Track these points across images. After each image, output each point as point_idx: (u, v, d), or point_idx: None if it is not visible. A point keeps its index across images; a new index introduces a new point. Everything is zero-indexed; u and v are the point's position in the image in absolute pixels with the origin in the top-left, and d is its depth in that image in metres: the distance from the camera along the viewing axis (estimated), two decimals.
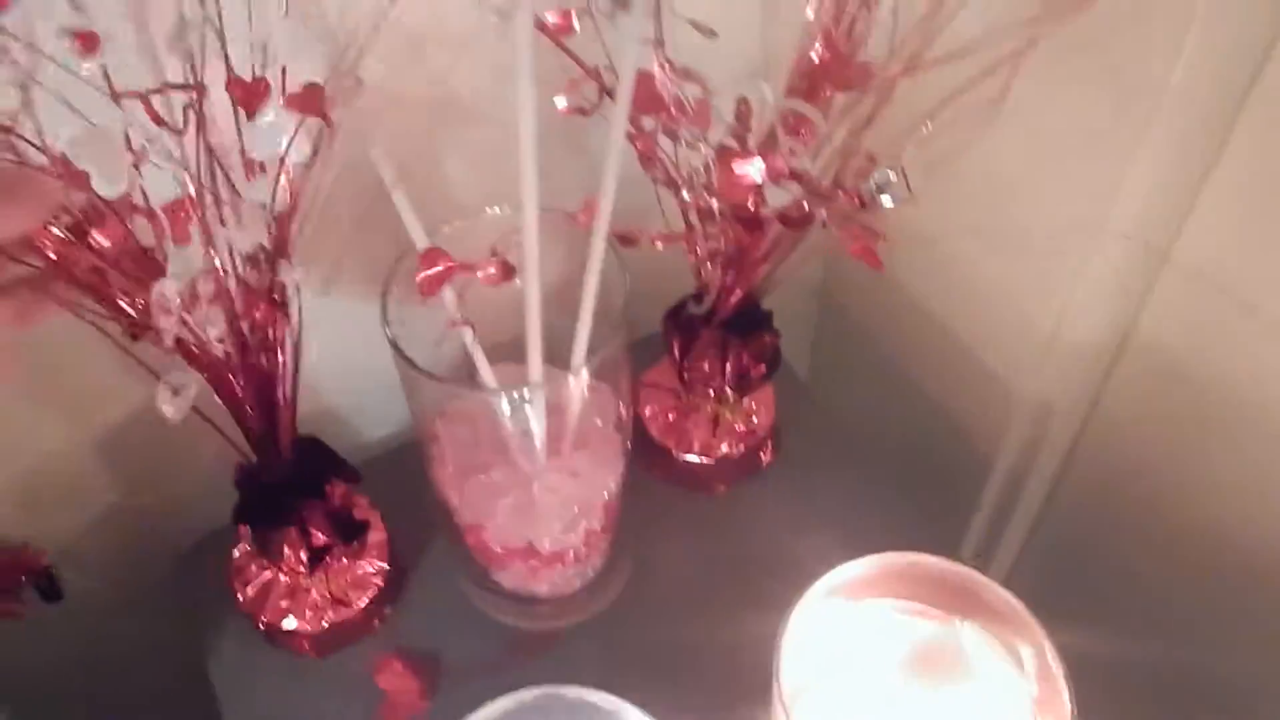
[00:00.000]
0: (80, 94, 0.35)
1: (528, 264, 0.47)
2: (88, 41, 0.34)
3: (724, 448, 0.65)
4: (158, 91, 0.37)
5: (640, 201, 0.52)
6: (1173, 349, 0.58)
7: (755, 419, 0.66)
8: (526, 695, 0.50)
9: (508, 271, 0.48)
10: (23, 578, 0.62)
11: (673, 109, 0.47)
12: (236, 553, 0.60)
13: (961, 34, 0.43)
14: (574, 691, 0.50)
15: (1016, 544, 0.75)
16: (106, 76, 0.35)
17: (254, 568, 0.59)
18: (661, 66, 0.45)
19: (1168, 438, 0.61)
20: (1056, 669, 0.45)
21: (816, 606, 0.50)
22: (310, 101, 0.39)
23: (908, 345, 0.79)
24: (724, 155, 0.48)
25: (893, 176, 0.43)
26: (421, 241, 0.50)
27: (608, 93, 0.50)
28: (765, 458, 0.67)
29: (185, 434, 0.65)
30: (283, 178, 0.41)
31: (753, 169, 0.44)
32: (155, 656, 0.71)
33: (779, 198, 0.48)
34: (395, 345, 0.48)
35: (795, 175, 0.46)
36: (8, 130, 0.34)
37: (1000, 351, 0.69)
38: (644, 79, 0.47)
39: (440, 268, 0.46)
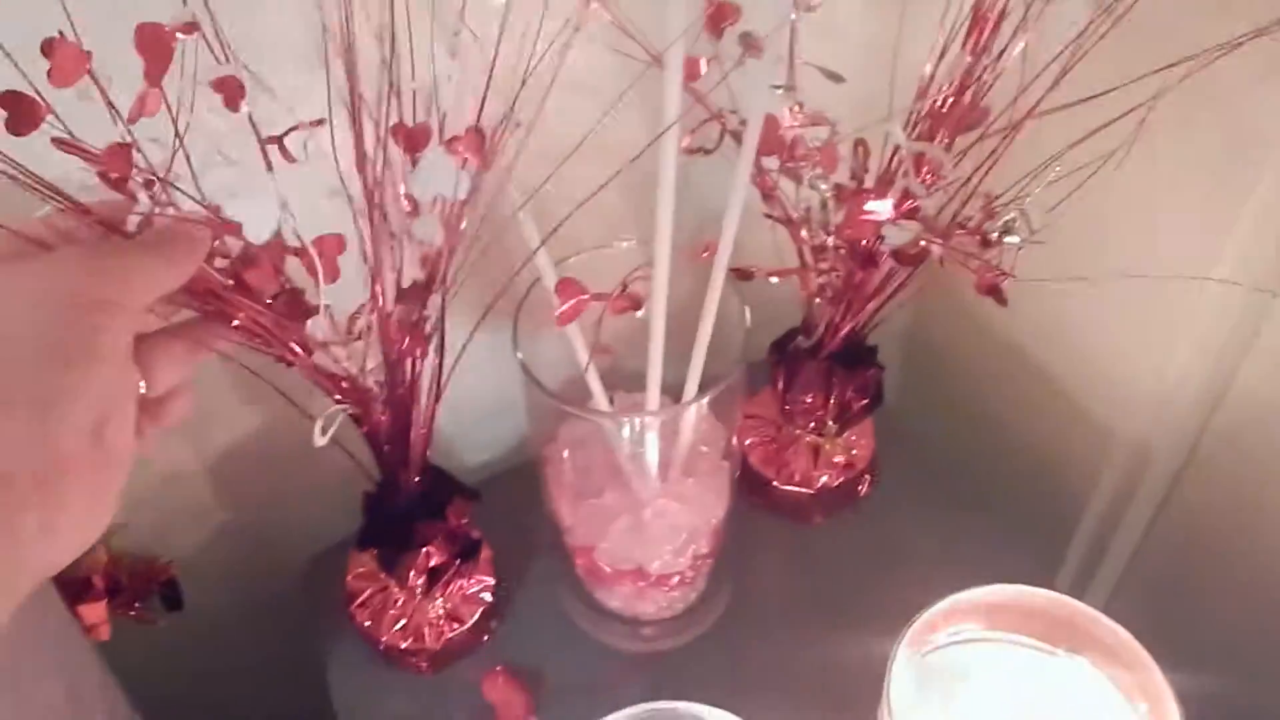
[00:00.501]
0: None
1: (656, 296, 0.49)
2: (231, 91, 0.37)
3: (823, 479, 0.67)
4: (319, 123, 0.39)
5: (753, 237, 0.54)
6: (1275, 396, 0.58)
7: (854, 451, 0.67)
8: (641, 710, 0.51)
9: (635, 303, 0.51)
10: (152, 587, 0.65)
11: (797, 151, 0.49)
12: (351, 578, 0.62)
13: (1089, 82, 0.45)
14: (687, 707, 0.52)
15: (1111, 581, 0.75)
16: (253, 123, 0.38)
17: (371, 590, 0.61)
18: (791, 110, 0.47)
19: (1267, 482, 0.61)
20: (1170, 705, 0.46)
21: (924, 636, 0.51)
22: (473, 145, 0.41)
23: (999, 383, 0.79)
24: (849, 194, 0.50)
25: (1018, 218, 0.44)
26: (549, 272, 0.52)
27: (730, 134, 0.52)
28: (863, 489, 0.69)
29: (304, 456, 0.68)
30: (438, 216, 0.43)
31: (882, 208, 0.46)
32: (273, 667, 0.74)
33: (896, 236, 0.50)
34: (527, 370, 0.51)
35: (915, 214, 0.48)
36: (163, 181, 0.36)
37: (1097, 392, 0.70)
38: (769, 122, 0.49)
39: (576, 299, 0.48)
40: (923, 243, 0.50)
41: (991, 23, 0.44)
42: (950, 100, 0.47)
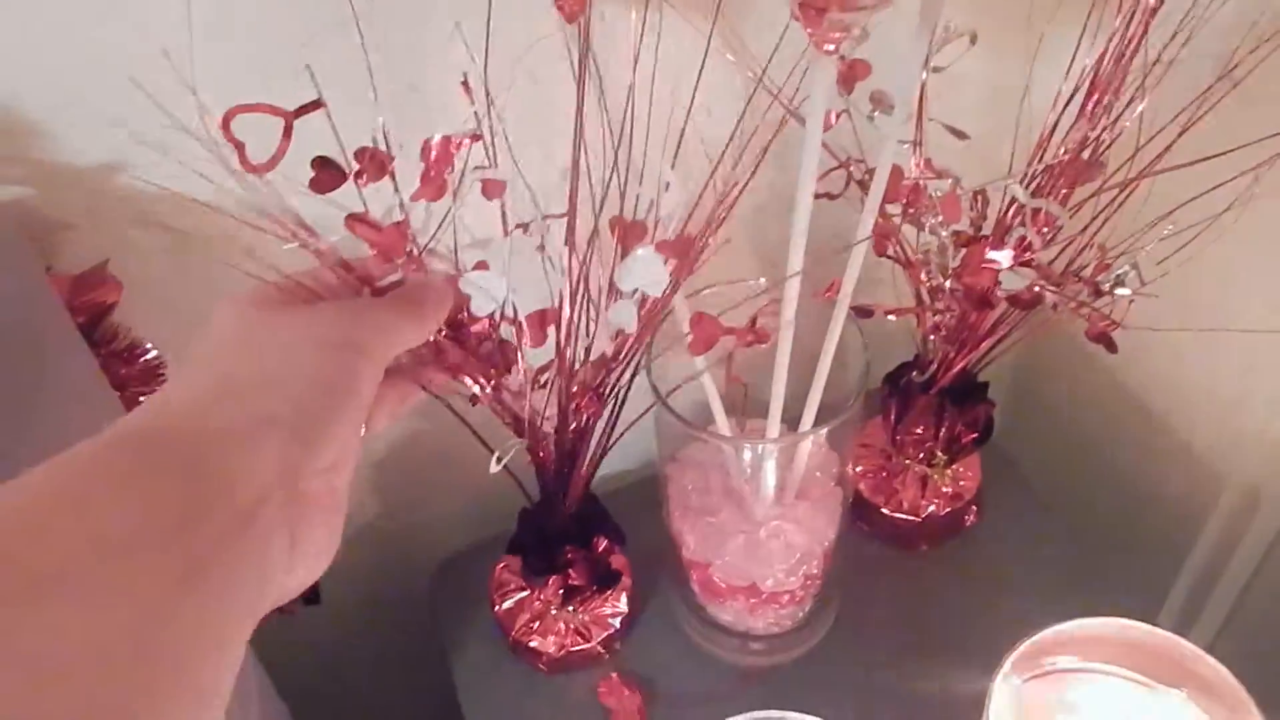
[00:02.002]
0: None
1: (783, 331, 0.53)
2: (495, 188, 0.43)
3: (930, 508, 0.69)
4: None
5: (870, 276, 0.58)
6: None
7: (961, 482, 0.70)
8: (751, 718, 0.55)
9: (762, 337, 0.54)
10: None
11: (920, 199, 0.53)
12: (499, 568, 0.67)
13: (1204, 141, 0.47)
14: (796, 718, 0.55)
15: (1215, 622, 0.76)
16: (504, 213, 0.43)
17: (513, 585, 0.66)
18: (918, 165, 0.50)
19: None
20: None
21: (1026, 664, 0.54)
22: (681, 249, 0.45)
23: (1106, 420, 0.81)
24: (967, 241, 0.53)
25: (1130, 270, 0.47)
26: (681, 304, 0.56)
27: (857, 183, 0.56)
28: (969, 520, 0.71)
29: (452, 466, 0.74)
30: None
31: (1002, 257, 0.49)
32: (401, 658, 0.80)
33: (1011, 281, 0.53)
34: (662, 400, 0.55)
35: (1031, 263, 0.51)
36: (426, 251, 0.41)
37: (1207, 435, 0.71)
38: (894, 172, 0.53)
39: (709, 332, 0.52)
40: (1036, 289, 0.53)
41: (1112, 87, 0.47)
42: (1068, 155, 0.50)
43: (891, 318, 0.59)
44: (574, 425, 0.52)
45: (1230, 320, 0.65)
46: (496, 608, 0.66)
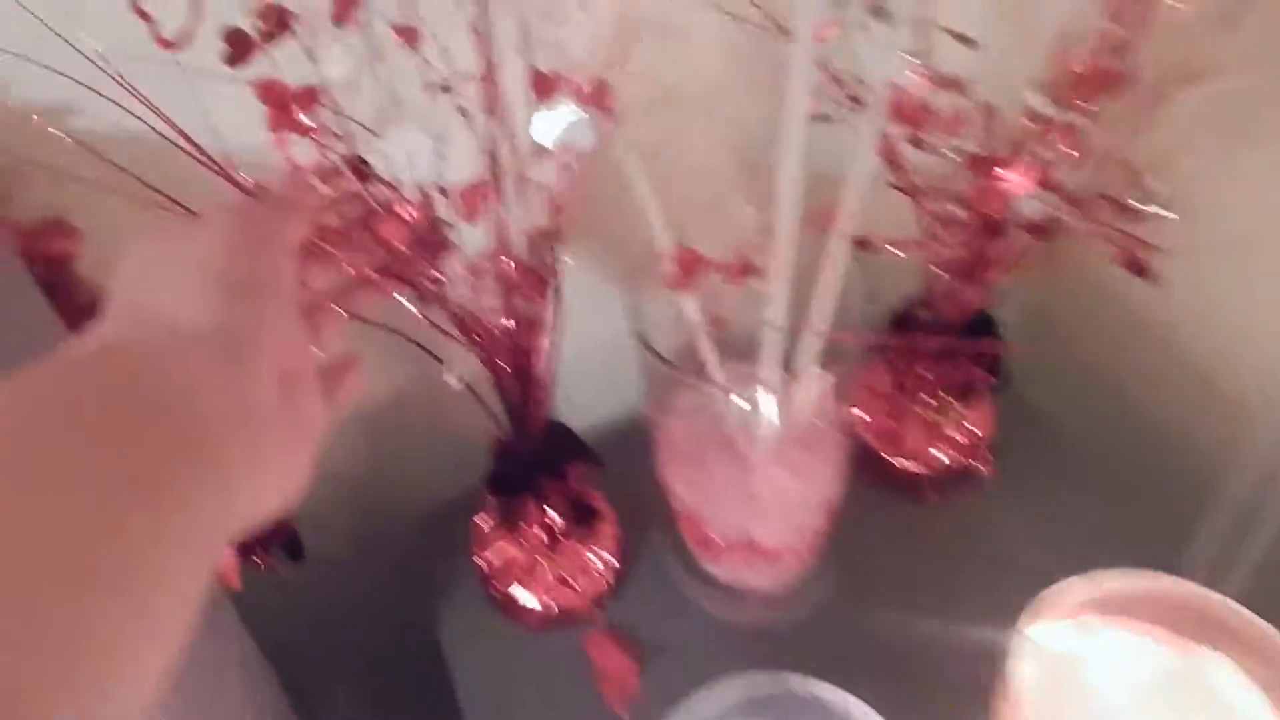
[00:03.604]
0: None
1: (776, 266, 0.48)
2: (409, 36, 0.40)
3: (939, 456, 0.65)
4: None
5: (869, 205, 0.53)
6: None
7: (973, 428, 0.65)
8: (750, 679, 0.51)
9: (750, 271, 0.50)
10: (274, 538, 0.68)
11: (923, 117, 0.48)
12: (478, 521, 0.64)
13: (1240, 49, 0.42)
14: (798, 680, 0.51)
15: (1248, 571, 0.71)
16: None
17: (496, 540, 0.62)
18: (923, 76, 0.45)
19: None
20: None
21: (1045, 620, 0.50)
22: (600, 97, 0.41)
23: (1129, 359, 0.76)
24: (980, 163, 0.48)
25: (1163, 188, 0.42)
26: (662, 235, 0.52)
27: (854, 100, 0.50)
28: (982, 470, 0.67)
29: (426, 414, 0.70)
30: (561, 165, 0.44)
31: (1017, 178, 0.44)
32: (390, 612, 0.77)
33: (1028, 207, 0.48)
34: (644, 341, 0.51)
35: (1052, 185, 0.46)
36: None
37: (1238, 372, 0.66)
38: (898, 89, 0.48)
39: (694, 267, 0.48)
40: (1055, 215, 0.48)
41: None
42: (1090, 64, 0.44)
43: (897, 252, 0.54)
44: (520, 313, 0.48)
45: (1269, 245, 0.60)
46: (479, 562, 0.63)
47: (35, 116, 0.48)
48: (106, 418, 0.27)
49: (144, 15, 0.34)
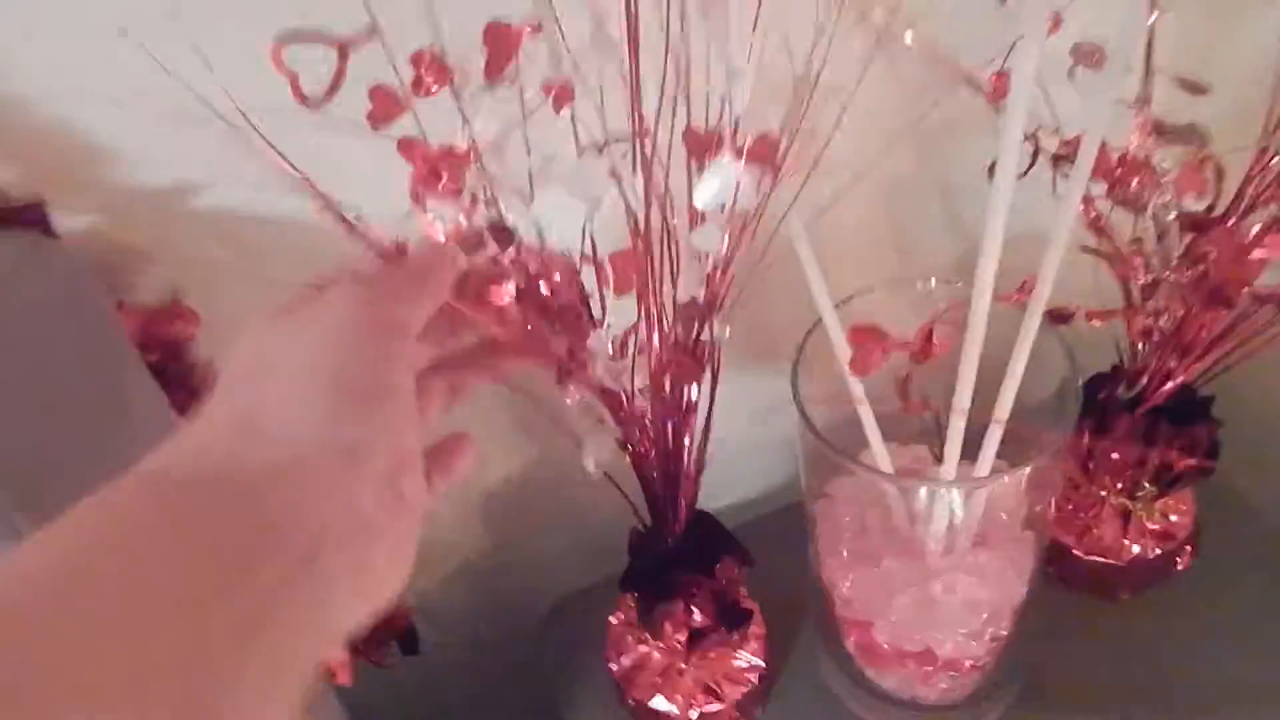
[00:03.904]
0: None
1: (970, 341, 0.42)
2: (563, 95, 0.36)
3: (1134, 549, 0.57)
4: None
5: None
6: None
7: (1173, 518, 0.58)
8: None
9: (934, 350, 0.44)
10: (390, 634, 0.64)
11: (1138, 175, 0.42)
12: (613, 620, 0.58)
13: None
14: None
15: None
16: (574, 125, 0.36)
17: (629, 639, 0.57)
18: (1143, 129, 0.39)
19: None
20: None
21: None
22: (764, 153, 0.36)
23: None
24: (1200, 222, 0.41)
25: None
26: (828, 311, 0.47)
27: (1063, 158, 0.45)
28: (1181, 563, 0.59)
29: (558, 501, 0.66)
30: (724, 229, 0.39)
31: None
32: (509, 713, 0.72)
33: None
34: (807, 419, 0.45)
35: None
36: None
37: None
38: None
39: (874, 347, 0.42)
40: None
41: None
42: None
43: (1096, 323, 0.48)
44: (673, 399, 0.43)
45: None
46: (613, 665, 0.57)
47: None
48: (230, 554, 0.25)
49: (289, 74, 0.32)
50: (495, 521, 0.66)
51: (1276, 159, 0.39)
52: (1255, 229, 0.39)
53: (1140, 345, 0.50)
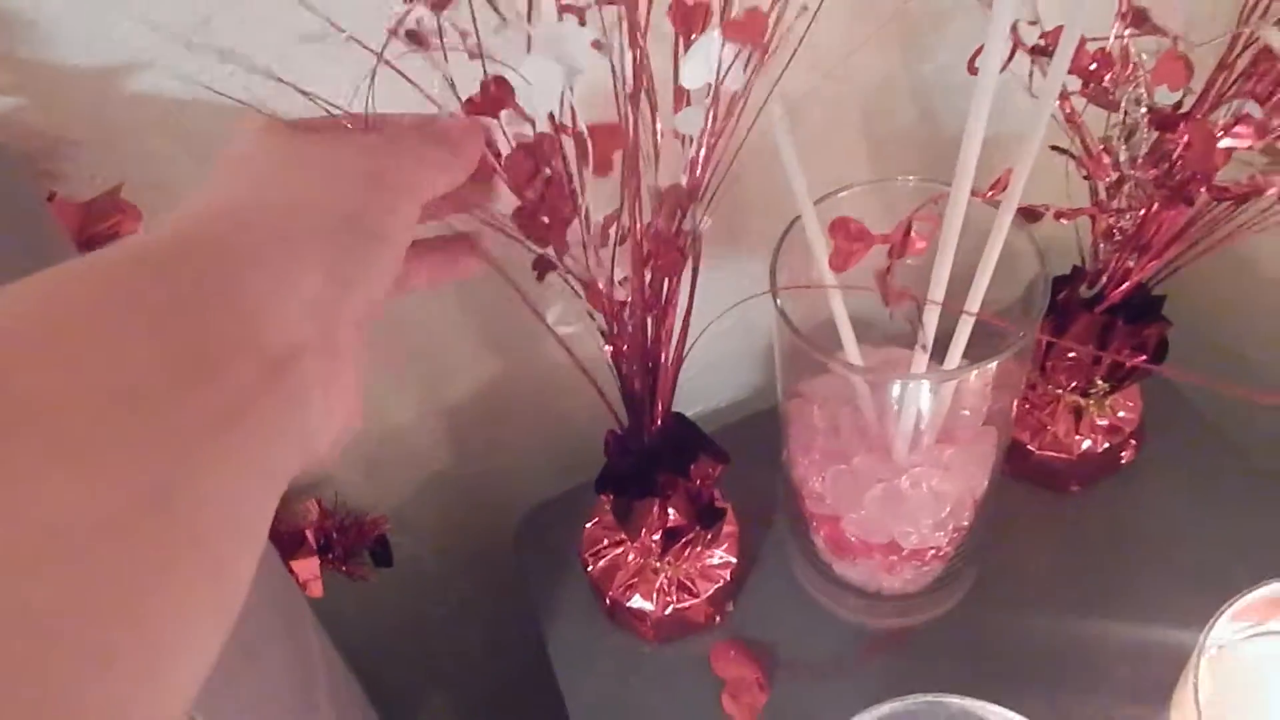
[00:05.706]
0: None
1: (946, 239, 0.43)
2: None
3: (1085, 444, 0.60)
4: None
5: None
6: None
7: (1120, 414, 0.60)
8: (910, 703, 0.47)
9: (916, 247, 0.45)
10: (363, 544, 0.64)
11: (1116, 68, 0.42)
12: (590, 525, 0.59)
13: None
14: (959, 702, 0.46)
15: None
16: None
17: (606, 542, 0.58)
18: (1123, 16, 0.40)
19: None
20: None
21: (1233, 626, 0.45)
22: (752, 29, 0.35)
23: None
24: (1166, 119, 0.42)
25: None
26: (807, 206, 0.47)
27: (1042, 51, 0.45)
28: (1128, 456, 0.61)
29: (529, 404, 0.65)
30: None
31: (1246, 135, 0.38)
32: (486, 622, 0.72)
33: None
34: (786, 318, 0.46)
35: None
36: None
37: None
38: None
39: (856, 243, 0.43)
40: (1256, 177, 0.42)
41: None
42: None
43: (1064, 221, 0.49)
44: (652, 286, 0.43)
45: None
46: (590, 568, 0.58)
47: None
48: (202, 345, 0.24)
49: None
50: (468, 431, 0.66)
51: (1247, 51, 0.40)
52: (1224, 119, 0.40)
53: (1102, 245, 0.51)
